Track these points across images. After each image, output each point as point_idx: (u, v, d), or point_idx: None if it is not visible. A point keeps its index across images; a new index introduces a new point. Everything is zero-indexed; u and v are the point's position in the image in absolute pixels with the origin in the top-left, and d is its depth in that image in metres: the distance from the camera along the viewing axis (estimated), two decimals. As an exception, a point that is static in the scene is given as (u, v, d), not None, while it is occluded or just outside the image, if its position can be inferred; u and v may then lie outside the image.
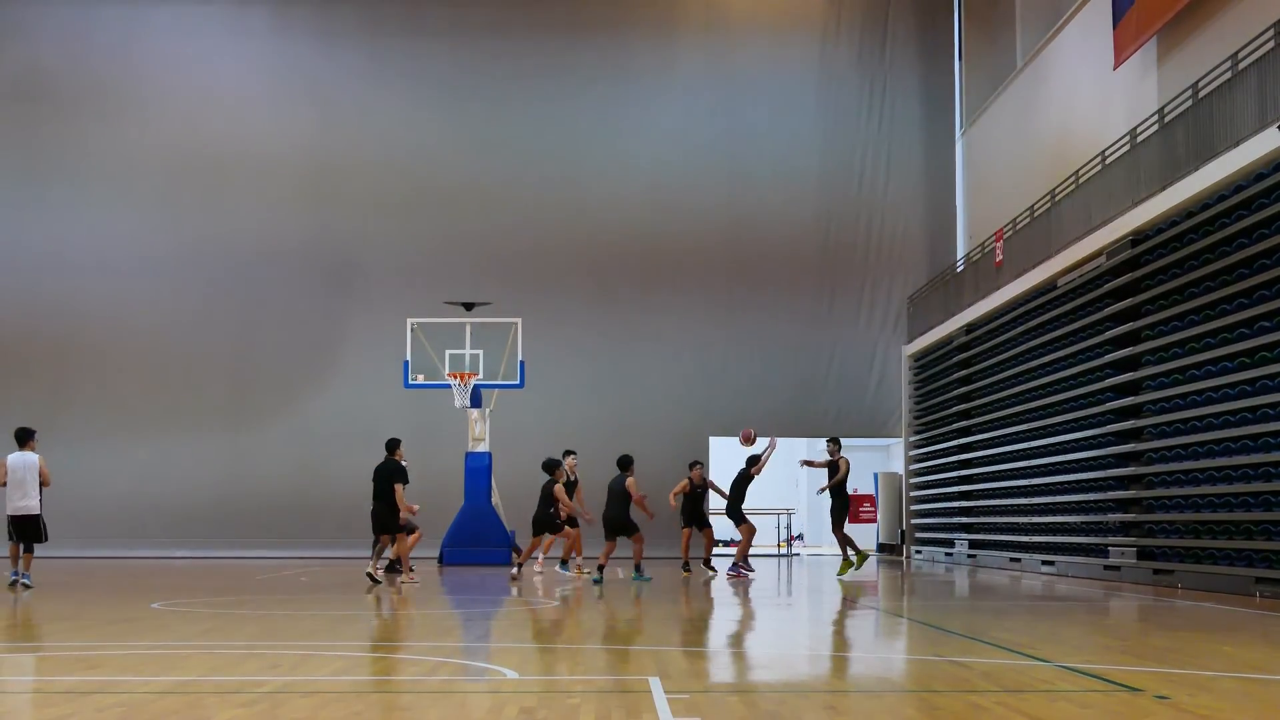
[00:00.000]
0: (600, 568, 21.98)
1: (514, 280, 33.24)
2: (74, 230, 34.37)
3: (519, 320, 29.59)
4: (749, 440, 24.00)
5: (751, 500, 23.94)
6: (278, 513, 32.98)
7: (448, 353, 29.70)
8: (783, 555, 34.57)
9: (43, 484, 19.46)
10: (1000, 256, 27.82)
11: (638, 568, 22.61)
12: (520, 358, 29.23)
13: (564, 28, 35.14)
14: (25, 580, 19.04)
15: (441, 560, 27.87)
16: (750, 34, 35.12)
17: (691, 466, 23.66)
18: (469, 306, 30.36)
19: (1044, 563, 24.78)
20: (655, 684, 9.13)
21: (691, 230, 34.37)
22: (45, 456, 19.81)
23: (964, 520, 29.88)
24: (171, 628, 13.94)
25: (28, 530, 19.32)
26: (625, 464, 22.47)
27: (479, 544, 27.57)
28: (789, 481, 38.00)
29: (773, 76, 35.06)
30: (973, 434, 29.30)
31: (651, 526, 23.44)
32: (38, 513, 19.40)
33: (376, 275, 34.34)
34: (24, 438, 19.58)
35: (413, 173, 34.75)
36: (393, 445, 21.31)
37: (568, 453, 23.31)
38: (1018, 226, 27.18)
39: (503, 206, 34.50)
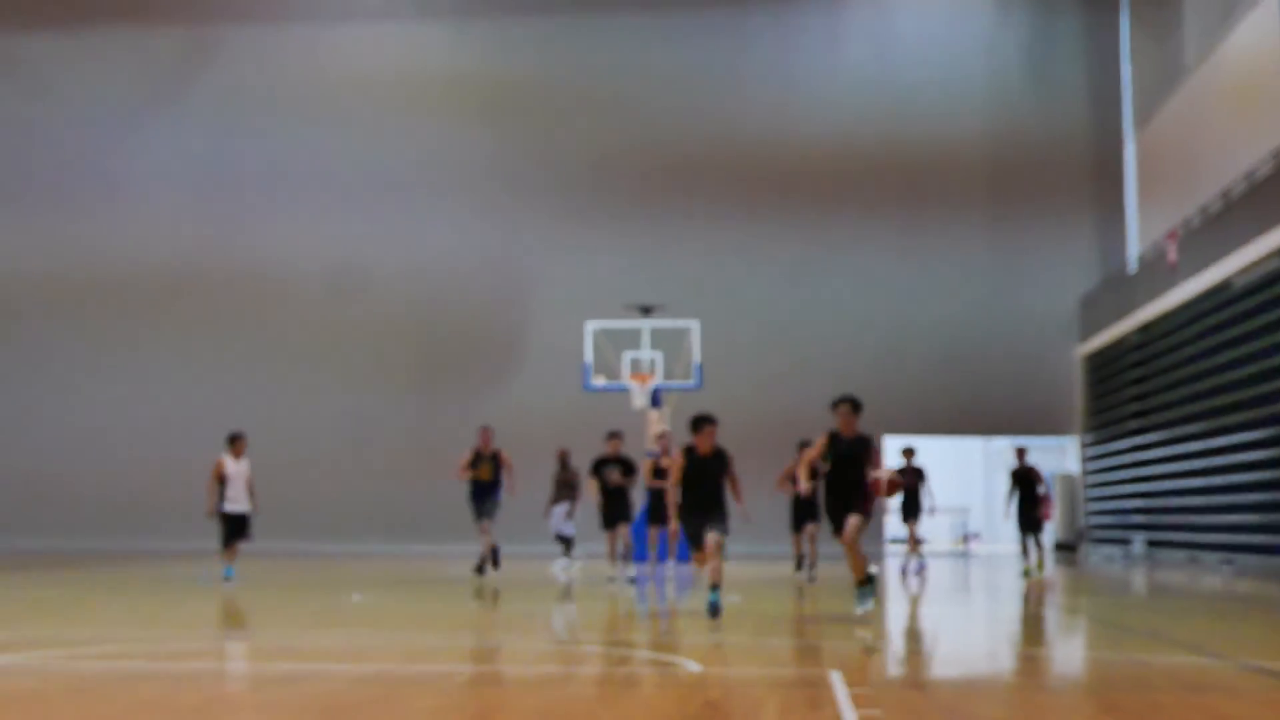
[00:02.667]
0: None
1: (690, 278, 33.22)
2: (266, 239, 35.43)
3: (697, 322, 29.62)
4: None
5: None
6: (466, 512, 33.37)
7: (627, 355, 29.86)
8: (959, 554, 34.27)
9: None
10: (1174, 256, 27.24)
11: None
12: (698, 360, 29.29)
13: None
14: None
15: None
16: (917, 34, 34.97)
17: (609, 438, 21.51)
18: (646, 310, 30.50)
19: (1223, 561, 24.21)
20: (836, 677, 9.04)
21: (864, 226, 34.22)
22: (254, 455, 20.39)
23: (1141, 519, 29.34)
24: (371, 619, 14.25)
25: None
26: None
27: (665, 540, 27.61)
28: (965, 480, 37.65)
29: (938, 74, 34.59)
30: (1148, 433, 28.72)
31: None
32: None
33: (555, 276, 34.62)
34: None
35: (587, 173, 35.13)
36: (607, 436, 21.78)
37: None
38: (1191, 226, 26.62)
39: (674, 195, 34.65)
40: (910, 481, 23.97)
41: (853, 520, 13.81)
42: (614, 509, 21.41)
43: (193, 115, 36.31)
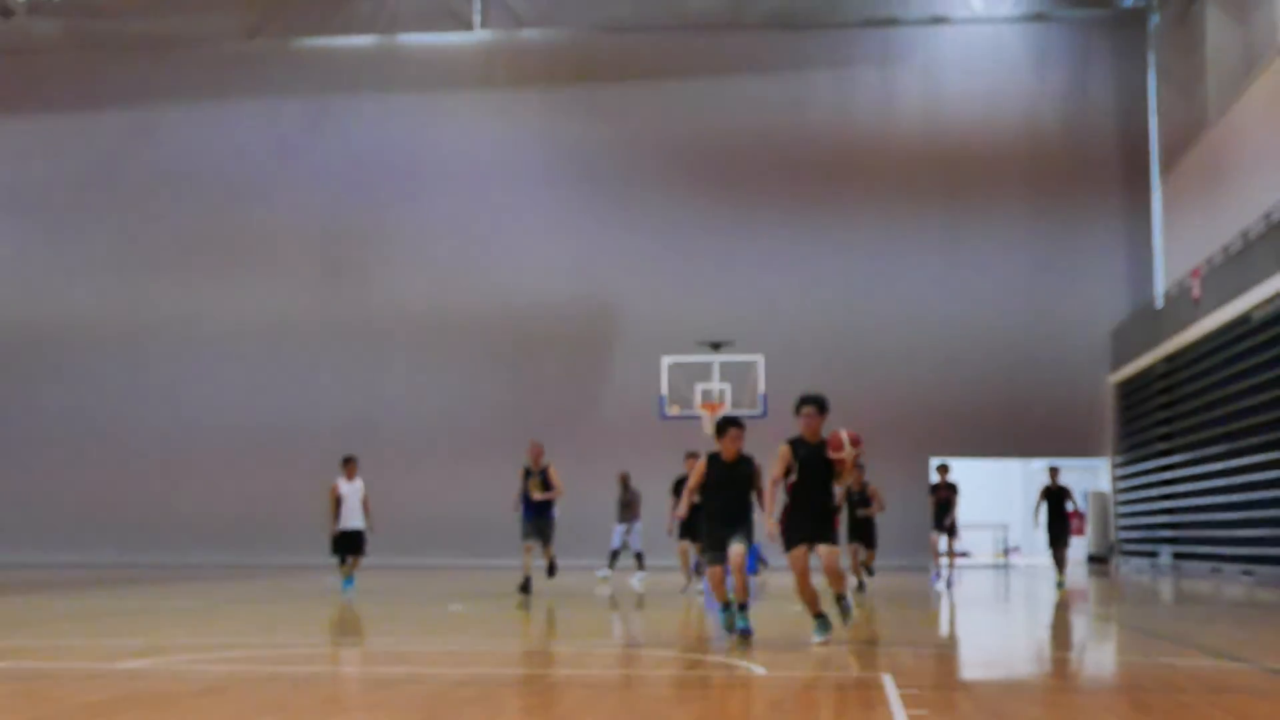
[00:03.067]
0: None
1: (754, 313, 33.16)
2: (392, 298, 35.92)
3: (761, 357, 29.61)
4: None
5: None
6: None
7: (698, 387, 29.87)
8: (1000, 565, 34.04)
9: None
10: (1198, 292, 26.97)
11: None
12: (763, 390, 29.25)
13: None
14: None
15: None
16: (962, 93, 34.89)
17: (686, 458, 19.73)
18: (716, 346, 30.55)
19: (1244, 573, 23.85)
20: (888, 680, 9.05)
21: (913, 264, 34.13)
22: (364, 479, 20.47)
23: (1167, 534, 29.00)
24: (468, 628, 14.32)
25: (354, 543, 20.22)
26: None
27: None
28: (1006, 497, 37.36)
29: (982, 126, 34.53)
30: (1174, 454, 28.44)
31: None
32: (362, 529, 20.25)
33: (634, 315, 34.76)
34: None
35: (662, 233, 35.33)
36: (686, 456, 21.66)
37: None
38: (1213, 264, 26.37)
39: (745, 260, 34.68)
40: (945, 496, 23.83)
41: (828, 555, 11.46)
42: (692, 525, 21.17)
43: (314, 173, 36.94)
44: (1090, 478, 35.39)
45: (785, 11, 35.26)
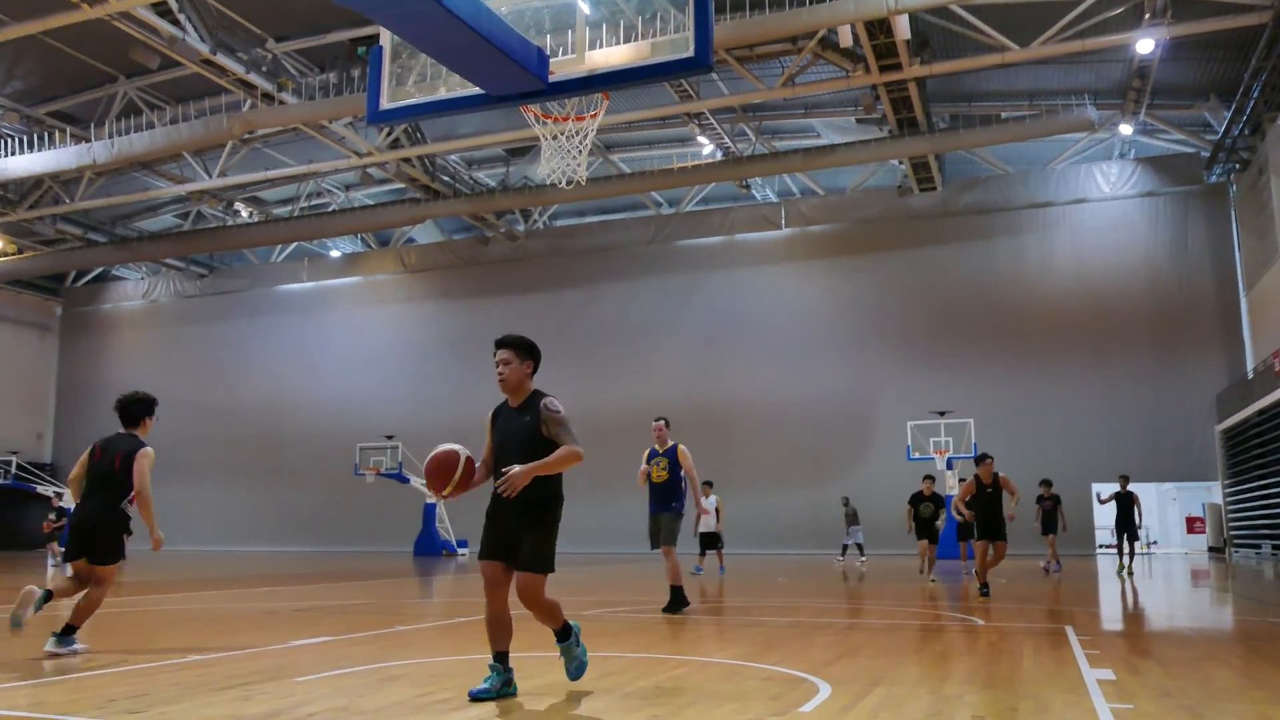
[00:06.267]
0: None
1: (966, 405, 31.64)
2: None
3: (972, 420, 29.36)
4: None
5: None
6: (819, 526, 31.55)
7: (931, 439, 29.83)
8: (1141, 554, 32.22)
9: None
10: (1278, 367, 25.36)
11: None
12: (974, 441, 28.98)
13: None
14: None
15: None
16: (1099, 237, 33.28)
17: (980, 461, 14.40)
18: (942, 413, 30.54)
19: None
20: (1069, 630, 8.90)
21: (1071, 359, 32.54)
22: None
23: (1267, 532, 27.05)
24: (793, 590, 13.90)
25: None
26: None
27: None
28: (1145, 509, 35.33)
29: (1116, 264, 32.81)
30: (1269, 476, 26.61)
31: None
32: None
33: (887, 396, 33.80)
34: None
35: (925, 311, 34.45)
36: (923, 478, 20.95)
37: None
38: (1288, 349, 24.88)
39: (957, 335, 33.66)
40: (1050, 506, 20.51)
41: (526, 581, 5.05)
42: (924, 529, 19.62)
43: (690, 320, 36.63)
44: (1206, 494, 33.28)
45: (977, 202, 34.53)
